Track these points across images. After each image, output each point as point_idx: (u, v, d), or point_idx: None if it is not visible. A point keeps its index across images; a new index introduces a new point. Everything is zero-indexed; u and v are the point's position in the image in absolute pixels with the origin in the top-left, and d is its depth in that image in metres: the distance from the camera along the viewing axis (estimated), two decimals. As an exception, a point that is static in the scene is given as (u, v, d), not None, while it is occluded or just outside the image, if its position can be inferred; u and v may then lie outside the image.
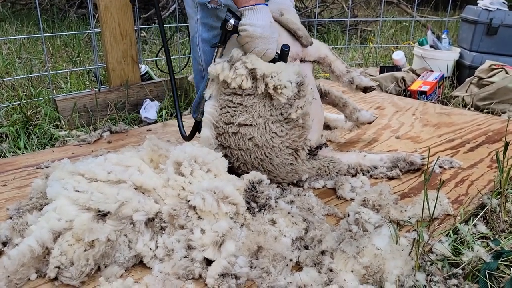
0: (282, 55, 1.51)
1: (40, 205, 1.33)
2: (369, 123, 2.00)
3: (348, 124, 2.06)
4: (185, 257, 1.16)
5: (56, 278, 1.12)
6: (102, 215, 1.19)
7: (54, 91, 2.79)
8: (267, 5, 1.49)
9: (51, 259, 1.11)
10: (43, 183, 1.40)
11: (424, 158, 1.74)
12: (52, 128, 2.25)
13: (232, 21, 1.46)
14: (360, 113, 1.94)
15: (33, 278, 1.13)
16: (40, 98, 2.43)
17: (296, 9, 1.85)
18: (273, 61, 1.50)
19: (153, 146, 1.46)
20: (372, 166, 1.69)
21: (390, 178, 1.68)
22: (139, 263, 1.20)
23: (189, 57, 2.78)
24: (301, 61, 1.70)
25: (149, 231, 1.23)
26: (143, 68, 2.70)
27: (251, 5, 1.45)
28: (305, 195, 1.47)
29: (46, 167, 1.72)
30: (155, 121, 2.46)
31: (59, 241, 1.13)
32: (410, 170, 1.73)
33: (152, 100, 2.56)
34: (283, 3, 1.67)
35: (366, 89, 1.81)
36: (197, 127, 1.69)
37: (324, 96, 1.88)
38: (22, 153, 2.02)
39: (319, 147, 1.70)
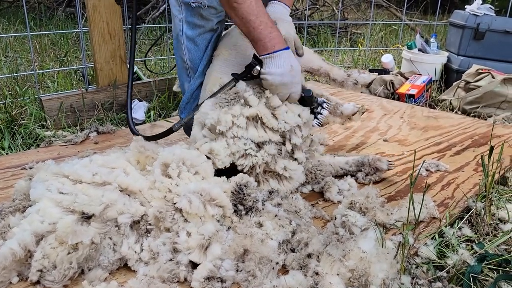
0: (305, 101, 1.56)
1: (23, 207, 1.30)
2: (354, 114, 1.97)
3: (337, 119, 2.05)
4: (171, 260, 1.15)
5: (38, 282, 1.10)
6: (87, 217, 1.17)
7: (41, 90, 2.75)
8: (288, 48, 1.49)
9: (33, 262, 1.09)
10: (27, 185, 1.37)
11: (391, 164, 1.70)
12: (38, 128, 2.21)
13: (258, 67, 1.48)
14: (343, 106, 1.92)
15: (14, 281, 1.10)
16: (25, 98, 2.40)
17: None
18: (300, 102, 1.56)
19: (139, 147, 1.45)
20: (338, 167, 1.70)
21: (370, 182, 1.67)
22: (124, 266, 1.19)
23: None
24: None
25: (134, 233, 1.21)
26: (132, 68, 2.67)
27: (270, 53, 1.45)
28: (292, 197, 1.46)
29: (30, 168, 1.69)
30: (143, 122, 2.44)
31: (42, 243, 1.11)
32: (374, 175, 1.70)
33: (140, 101, 2.54)
34: (278, 12, 1.67)
35: (369, 85, 1.84)
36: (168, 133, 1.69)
37: None
38: (6, 153, 1.99)
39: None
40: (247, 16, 1.44)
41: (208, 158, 1.42)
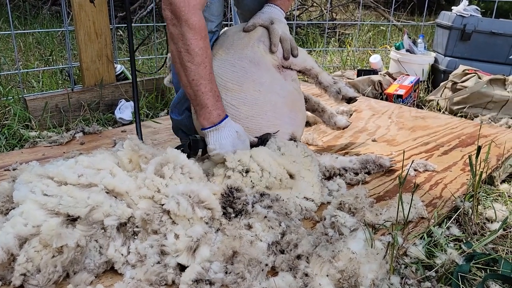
0: (263, 141, 1.53)
1: (5, 209, 1.27)
2: (344, 128, 2.05)
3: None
4: (158, 262, 1.13)
5: (21, 286, 1.07)
6: (72, 220, 1.15)
7: (25, 90, 2.70)
8: (227, 116, 1.47)
9: (16, 266, 1.06)
10: (10, 186, 1.33)
11: (392, 161, 1.79)
12: (22, 128, 2.17)
13: (201, 145, 1.46)
14: (336, 118, 2.02)
15: (-3, 286, 1.08)
16: (9, 97, 2.35)
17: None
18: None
19: (133, 146, 1.42)
20: (341, 167, 1.71)
21: (360, 183, 1.68)
22: (110, 269, 1.17)
23: (166, 57, 2.74)
24: (286, 68, 1.73)
25: (121, 236, 1.19)
26: (119, 67, 2.64)
27: (215, 125, 1.43)
28: (283, 200, 1.45)
29: (14, 170, 1.66)
30: (130, 122, 2.41)
31: (25, 247, 1.08)
32: (379, 171, 1.77)
33: (127, 101, 2.51)
34: (275, 13, 1.72)
35: (350, 100, 1.88)
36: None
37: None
38: (-10, 155, 1.94)
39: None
40: (199, 79, 1.38)
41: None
